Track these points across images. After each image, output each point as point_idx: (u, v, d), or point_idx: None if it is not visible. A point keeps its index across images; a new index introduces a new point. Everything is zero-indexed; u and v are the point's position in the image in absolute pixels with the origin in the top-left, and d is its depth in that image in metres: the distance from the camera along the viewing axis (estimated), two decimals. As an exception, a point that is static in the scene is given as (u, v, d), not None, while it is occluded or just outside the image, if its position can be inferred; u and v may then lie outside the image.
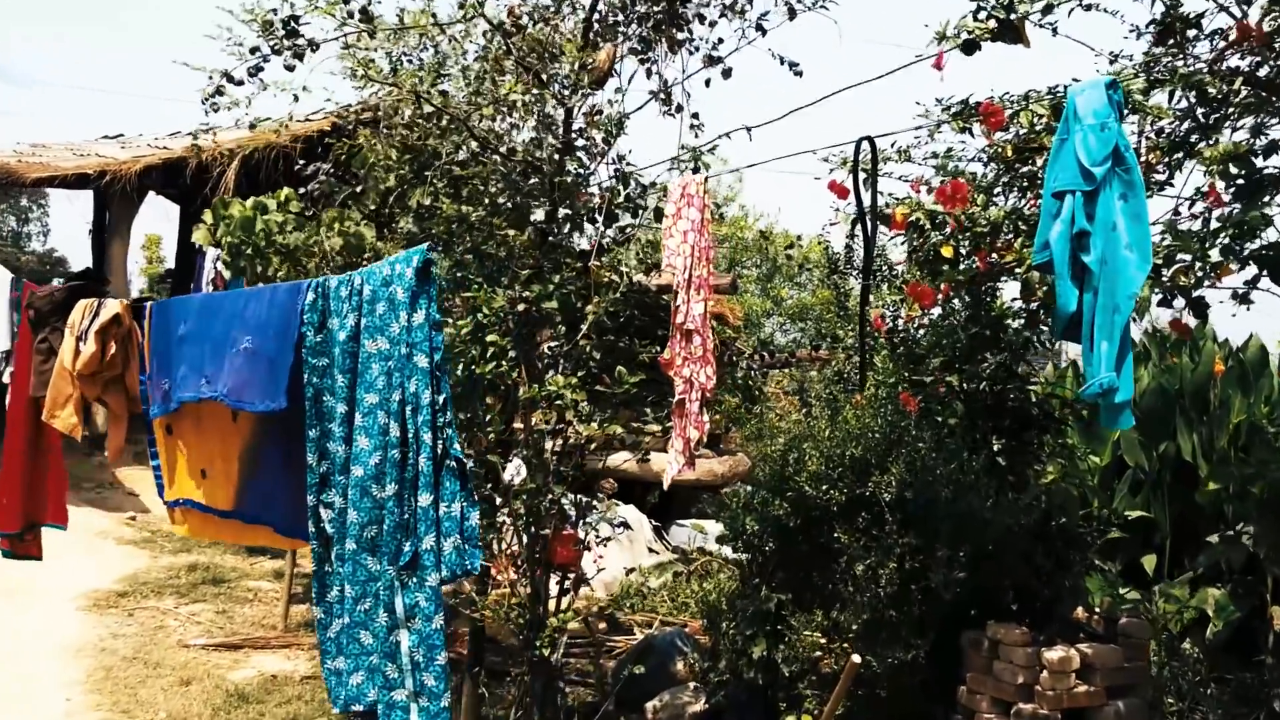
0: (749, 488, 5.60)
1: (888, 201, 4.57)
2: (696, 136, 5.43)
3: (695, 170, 5.22)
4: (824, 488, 4.96)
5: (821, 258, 14.43)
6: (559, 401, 4.34)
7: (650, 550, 9.85)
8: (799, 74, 5.87)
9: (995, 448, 5.50)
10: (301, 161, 5.84)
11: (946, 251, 3.97)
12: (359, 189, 5.77)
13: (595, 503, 5.06)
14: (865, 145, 4.01)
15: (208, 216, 6.41)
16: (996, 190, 4.23)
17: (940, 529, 4.79)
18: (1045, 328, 4.76)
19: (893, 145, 4.54)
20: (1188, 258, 3.65)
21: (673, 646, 6.22)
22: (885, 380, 5.44)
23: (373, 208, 5.64)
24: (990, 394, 5.45)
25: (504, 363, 4.31)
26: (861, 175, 4.43)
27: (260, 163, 10.80)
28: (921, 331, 5.56)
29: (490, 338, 4.24)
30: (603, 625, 7.98)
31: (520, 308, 4.50)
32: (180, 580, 8.38)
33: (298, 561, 7.57)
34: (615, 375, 4.40)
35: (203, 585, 8.32)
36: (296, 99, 4.76)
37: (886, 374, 5.72)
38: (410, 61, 5.43)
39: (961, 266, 4.33)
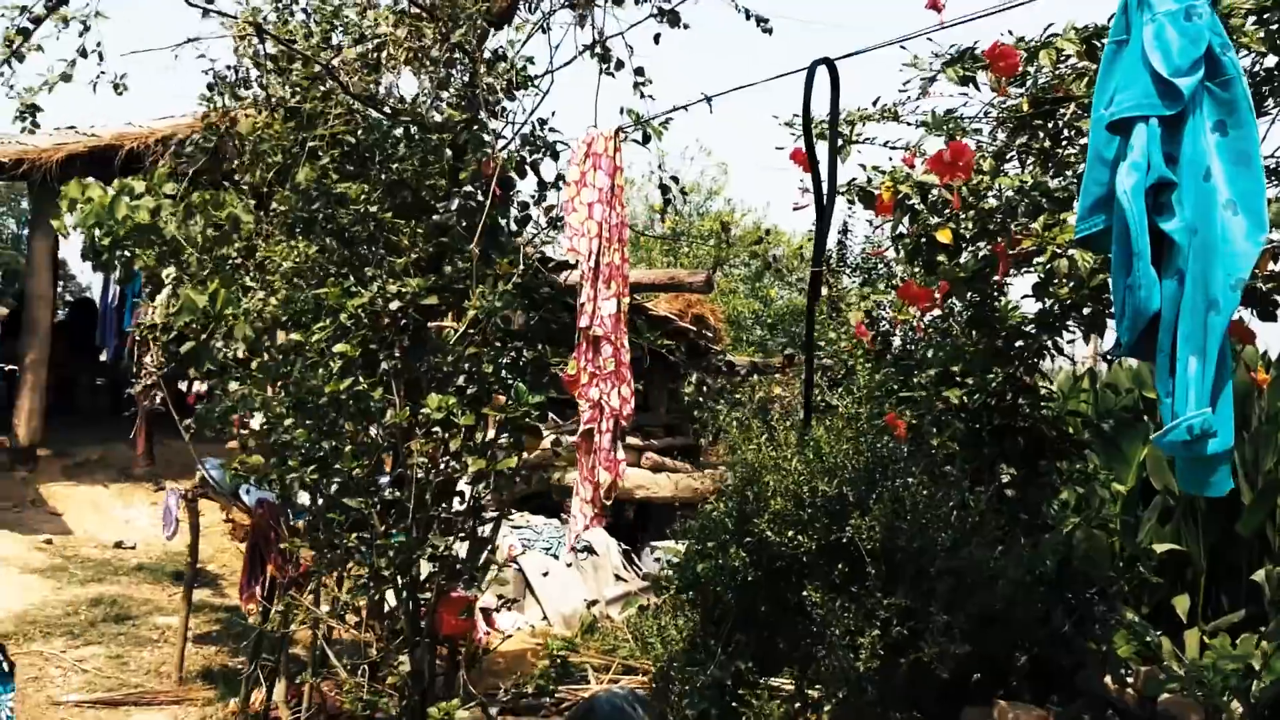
0: (701, 524, 4.54)
1: (869, 177, 3.52)
2: (641, 97, 4.38)
3: (646, 140, 4.18)
4: (790, 533, 3.90)
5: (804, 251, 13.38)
6: (437, 428, 3.30)
7: (617, 578, 8.79)
8: (768, 31, 4.83)
9: (1004, 479, 4.45)
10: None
11: (944, 236, 2.93)
12: (235, 165, 4.74)
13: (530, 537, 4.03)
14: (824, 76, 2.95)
15: (63, 202, 5.36)
16: (1009, 156, 3.18)
17: (935, 587, 3.74)
18: (1077, 331, 3.70)
19: (875, 103, 3.49)
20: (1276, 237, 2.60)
21: (619, 713, 5.16)
22: (867, 397, 4.38)
23: (258, 188, 4.61)
24: (997, 412, 4.40)
25: (362, 379, 3.26)
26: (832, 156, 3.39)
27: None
28: (913, 338, 4.50)
29: (340, 347, 3.19)
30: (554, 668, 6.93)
31: (395, 306, 3.46)
32: (78, 617, 7.33)
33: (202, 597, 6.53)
34: (514, 394, 3.34)
35: (103, 623, 7.27)
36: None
37: (868, 390, 4.66)
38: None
39: (964, 257, 3.28)
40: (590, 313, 3.11)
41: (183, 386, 6.26)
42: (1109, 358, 5.46)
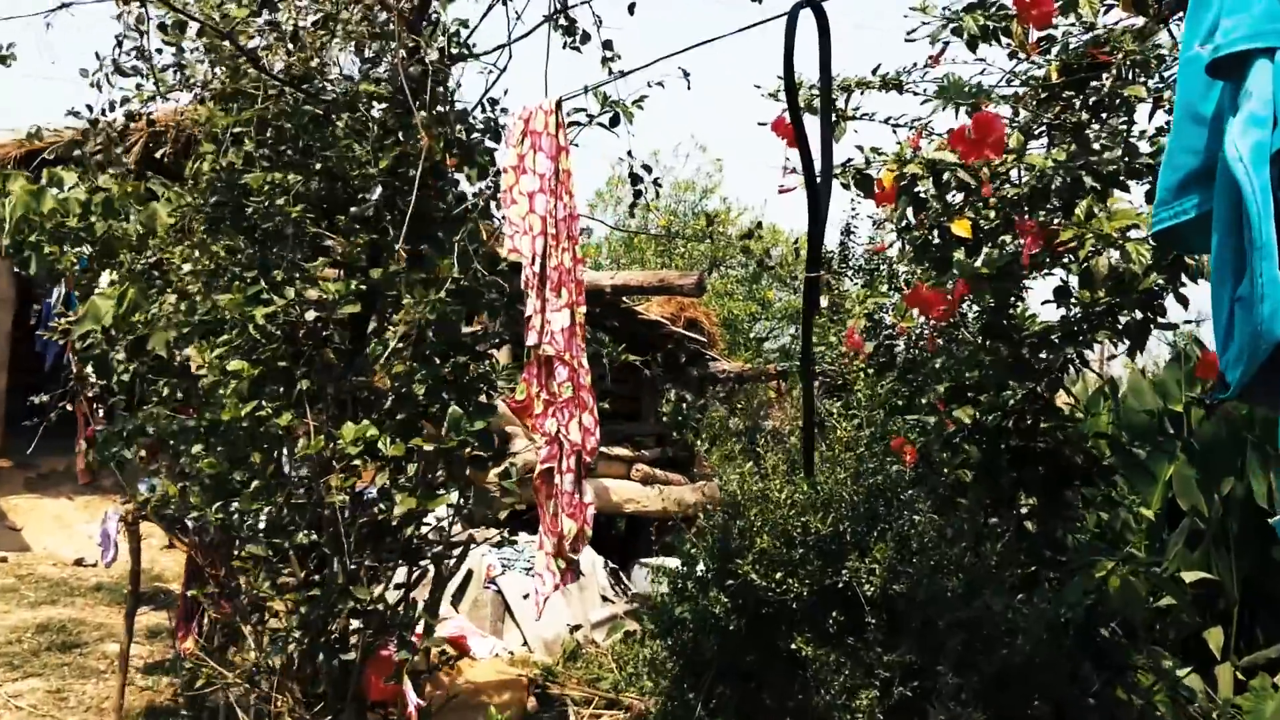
0: (681, 563, 4.00)
1: (868, 158, 2.97)
2: (610, 73, 3.85)
3: (614, 123, 3.63)
4: (778, 575, 3.36)
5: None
6: (359, 461, 2.76)
7: (604, 599, 8.25)
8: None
9: (1024, 509, 3.90)
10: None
11: (961, 228, 2.39)
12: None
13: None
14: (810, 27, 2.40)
15: (-11, 196, 4.83)
16: (1036, 132, 2.63)
17: (945, 641, 3.20)
18: (1111, 345, 3.14)
19: (875, 71, 2.95)
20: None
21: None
22: (868, 420, 3.84)
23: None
24: (1016, 434, 3.85)
25: (270, 402, 2.73)
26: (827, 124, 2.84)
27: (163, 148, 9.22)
28: (919, 349, 3.95)
29: (234, 364, 2.66)
30: (532, 702, 6.40)
31: (312, 316, 2.92)
32: (22, 645, 6.79)
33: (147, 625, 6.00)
34: (449, 420, 2.80)
35: (48, 651, 6.72)
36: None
37: (869, 409, 4.13)
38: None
39: (987, 254, 2.74)
40: (539, 328, 2.56)
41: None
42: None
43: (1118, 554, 4.71)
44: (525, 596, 7.74)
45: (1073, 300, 2.86)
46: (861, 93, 2.96)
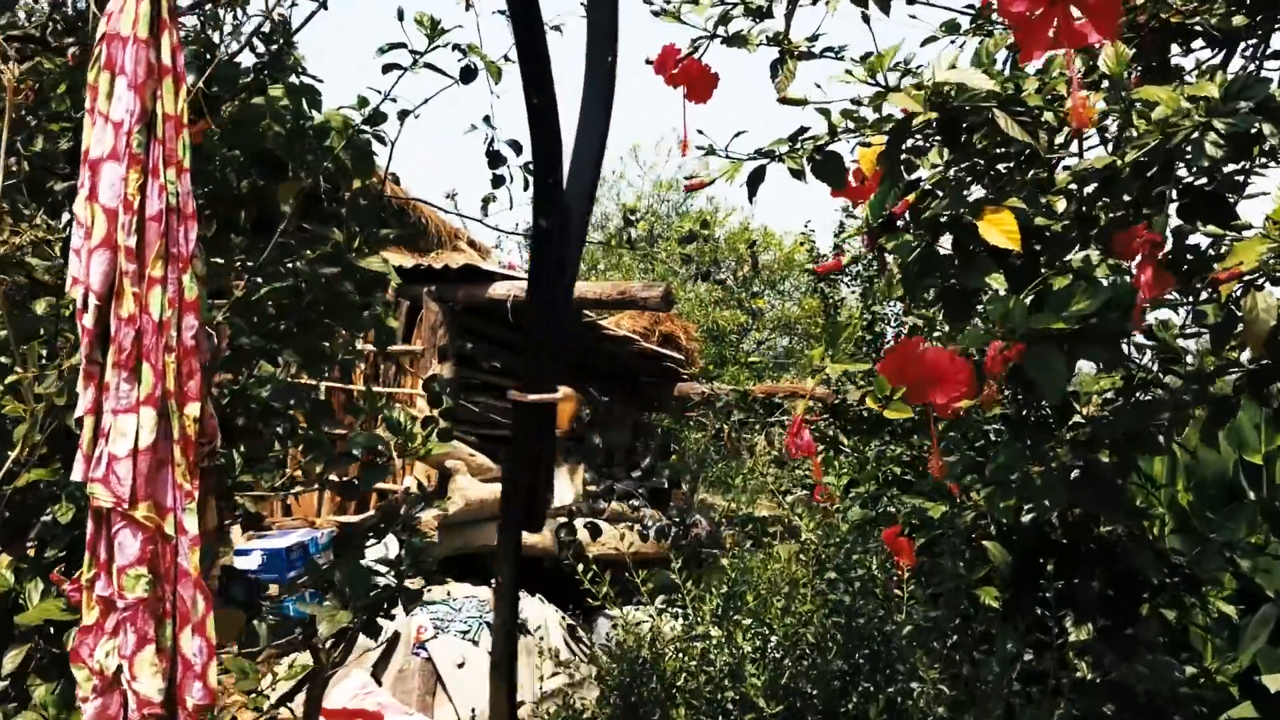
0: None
1: (833, 125, 1.74)
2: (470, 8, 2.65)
3: (468, 77, 2.45)
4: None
5: (807, 259, 11.67)
6: None
7: (557, 662, 7.02)
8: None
9: (1079, 636, 2.67)
10: None
11: (998, 228, 1.17)
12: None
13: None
14: None
15: None
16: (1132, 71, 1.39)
17: None
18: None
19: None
20: None
21: None
22: (847, 506, 2.62)
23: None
24: (1063, 528, 2.64)
25: None
26: None
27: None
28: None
29: None
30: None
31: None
32: None
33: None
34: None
35: None
36: None
37: (857, 481, 2.91)
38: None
39: (1051, 289, 1.48)
40: (89, 449, 1.23)
41: None
42: None
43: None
44: (460, 665, 6.55)
45: (1188, 363, 1.63)
46: (825, 4, 1.75)
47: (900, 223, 1.30)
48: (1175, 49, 1.65)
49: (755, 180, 1.79)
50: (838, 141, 1.68)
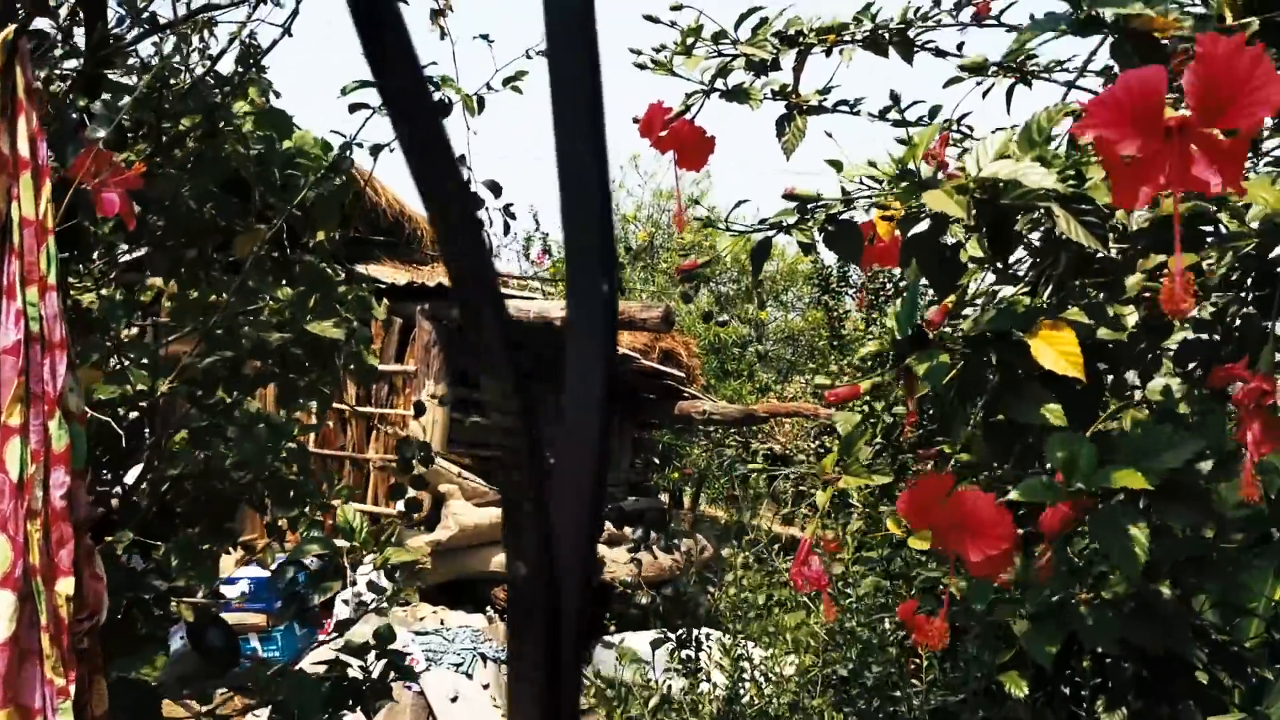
0: None
1: (846, 189, 1.52)
2: (442, 36, 2.43)
3: (443, 110, 2.23)
4: None
5: (811, 270, 11.48)
6: None
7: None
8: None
9: (1109, 726, 2.43)
10: None
11: (1057, 348, 0.94)
12: None
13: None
14: None
15: None
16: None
17: None
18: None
19: (866, 10, 1.51)
20: None
21: None
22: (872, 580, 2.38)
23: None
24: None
25: None
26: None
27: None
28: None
29: None
30: None
31: None
32: None
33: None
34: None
35: None
36: None
37: (869, 545, 2.68)
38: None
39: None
40: None
41: None
42: None
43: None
44: (454, 699, 6.31)
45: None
46: (839, 54, 1.52)
47: (934, 333, 1.07)
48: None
49: (760, 255, 1.57)
50: (853, 210, 1.46)
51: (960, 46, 1.53)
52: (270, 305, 2.13)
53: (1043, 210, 0.97)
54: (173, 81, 2.09)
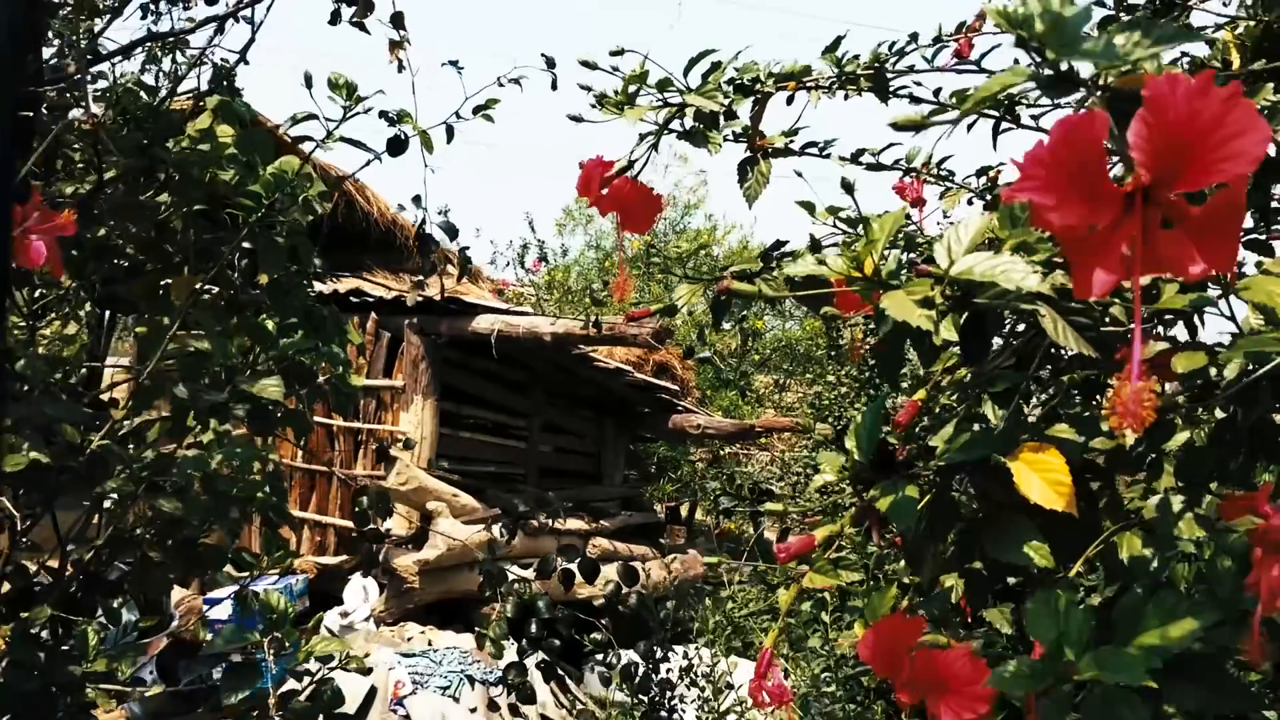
0: None
1: (817, 243, 1.37)
2: (401, 69, 2.28)
3: (397, 149, 2.08)
4: None
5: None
6: None
7: None
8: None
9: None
10: None
11: (1043, 474, 0.81)
12: None
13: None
14: None
15: None
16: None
17: None
18: None
19: (833, 50, 1.37)
20: None
21: None
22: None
23: None
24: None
25: None
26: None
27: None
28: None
29: None
30: None
31: None
32: None
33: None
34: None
35: None
36: None
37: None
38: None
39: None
40: None
41: None
42: None
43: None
44: (441, 724, 6.15)
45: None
46: (807, 94, 1.37)
47: (900, 441, 0.92)
48: None
49: (720, 309, 1.42)
50: (821, 255, 1.30)
51: (937, 93, 1.37)
52: (211, 360, 1.97)
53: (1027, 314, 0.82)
54: (125, 114, 1.94)
